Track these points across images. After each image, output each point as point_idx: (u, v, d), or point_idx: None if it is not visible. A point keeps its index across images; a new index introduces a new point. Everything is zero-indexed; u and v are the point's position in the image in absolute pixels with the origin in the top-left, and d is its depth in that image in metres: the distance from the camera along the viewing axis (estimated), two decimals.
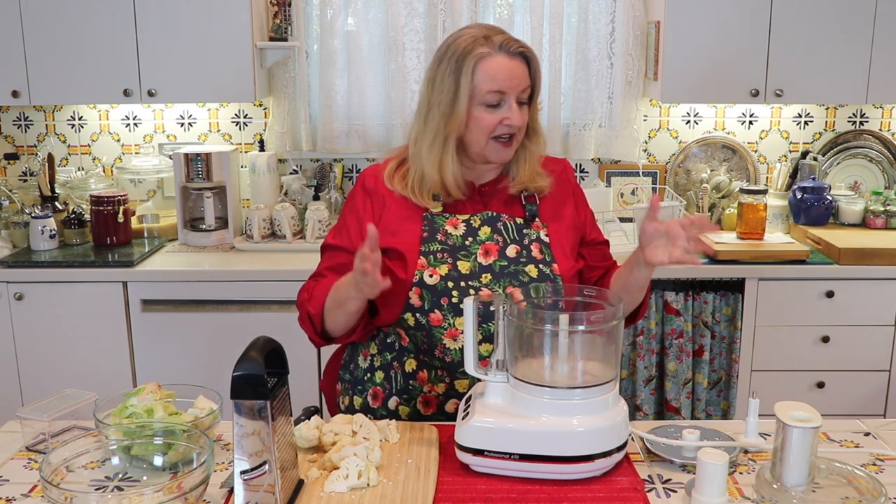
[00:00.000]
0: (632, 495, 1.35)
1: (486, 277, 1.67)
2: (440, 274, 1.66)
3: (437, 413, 1.71)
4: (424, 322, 1.66)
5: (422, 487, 1.35)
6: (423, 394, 1.71)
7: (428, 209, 1.72)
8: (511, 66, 1.63)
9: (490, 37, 1.65)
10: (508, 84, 1.63)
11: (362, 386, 1.78)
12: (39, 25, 3.01)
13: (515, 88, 1.64)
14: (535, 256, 1.71)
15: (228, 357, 1.42)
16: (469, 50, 1.63)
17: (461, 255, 1.69)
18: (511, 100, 1.64)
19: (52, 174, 3.22)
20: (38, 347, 2.94)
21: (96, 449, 1.38)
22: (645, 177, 3.45)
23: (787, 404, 1.35)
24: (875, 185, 3.44)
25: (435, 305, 1.65)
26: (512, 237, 1.72)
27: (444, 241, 1.69)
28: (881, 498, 1.27)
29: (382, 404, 1.75)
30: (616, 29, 3.32)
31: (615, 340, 1.42)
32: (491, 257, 1.69)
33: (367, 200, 1.76)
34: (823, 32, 3.03)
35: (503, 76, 1.63)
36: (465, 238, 1.70)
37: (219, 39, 3.03)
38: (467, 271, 1.67)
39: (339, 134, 3.38)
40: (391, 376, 1.75)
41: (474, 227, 1.72)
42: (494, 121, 1.64)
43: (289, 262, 2.98)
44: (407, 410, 1.73)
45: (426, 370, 1.71)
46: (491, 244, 1.70)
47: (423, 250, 1.68)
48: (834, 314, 2.94)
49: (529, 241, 1.72)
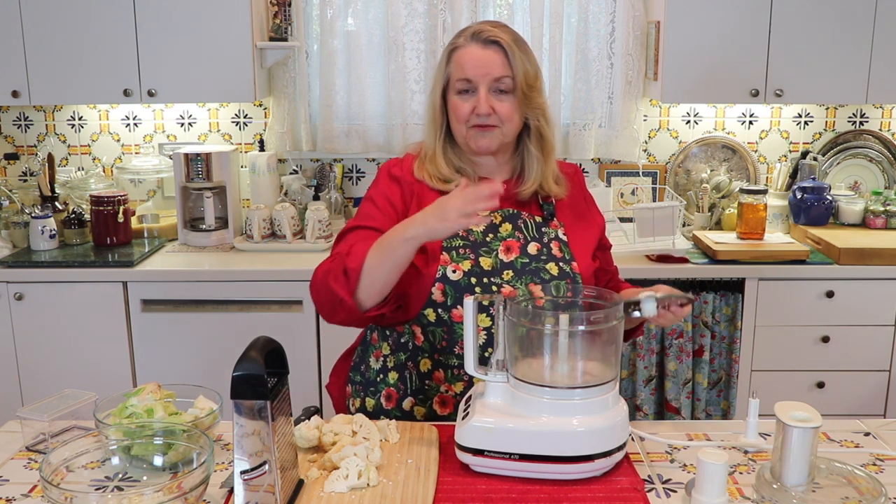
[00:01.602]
0: (632, 495, 1.35)
1: (507, 274, 1.67)
2: (463, 269, 1.66)
3: (454, 413, 1.69)
4: (447, 318, 1.66)
5: (422, 487, 1.35)
6: (440, 394, 1.70)
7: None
8: (482, 54, 1.66)
9: (470, 28, 1.70)
10: (475, 72, 1.65)
11: (375, 387, 1.77)
12: (39, 25, 3.01)
13: (484, 77, 1.65)
14: (556, 254, 1.72)
15: (228, 357, 1.42)
16: (450, 42, 1.71)
17: (483, 252, 1.69)
18: (481, 88, 1.65)
19: (52, 174, 3.22)
20: (38, 347, 2.94)
21: (96, 449, 1.38)
22: (645, 177, 3.45)
23: (787, 404, 1.35)
24: (875, 185, 3.44)
25: (458, 301, 1.65)
26: (532, 235, 1.73)
27: (466, 238, 1.70)
28: (881, 498, 1.27)
29: (397, 405, 1.74)
30: (616, 29, 3.32)
31: (615, 340, 1.42)
32: (513, 254, 1.70)
33: (395, 186, 1.74)
34: (823, 32, 3.03)
35: (471, 65, 1.66)
36: (486, 234, 1.71)
37: (219, 39, 3.03)
38: (489, 267, 1.67)
39: (339, 134, 3.38)
40: (405, 377, 1.73)
41: (495, 223, 1.72)
42: (467, 108, 1.67)
43: (289, 262, 2.98)
44: (423, 411, 1.72)
45: (442, 370, 1.70)
46: (512, 241, 1.71)
47: (445, 246, 1.68)
48: (834, 314, 2.94)
49: (549, 240, 1.73)
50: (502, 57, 1.66)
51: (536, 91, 1.71)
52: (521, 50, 1.68)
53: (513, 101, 1.68)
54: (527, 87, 1.68)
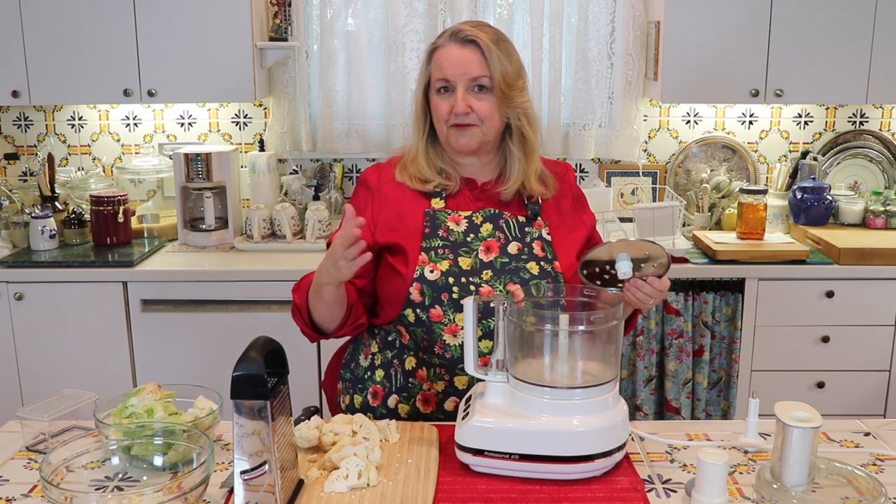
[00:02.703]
0: (632, 495, 1.35)
1: (486, 274, 1.68)
2: (441, 269, 1.66)
3: (436, 411, 1.71)
4: (425, 318, 1.67)
5: (422, 487, 1.35)
6: (423, 392, 1.72)
7: (430, 205, 1.73)
8: (459, 54, 1.67)
9: (450, 28, 1.72)
10: (452, 71, 1.67)
11: (363, 384, 1.79)
12: (39, 25, 3.01)
13: (461, 76, 1.66)
14: (537, 254, 1.71)
15: (228, 357, 1.42)
16: (432, 42, 1.73)
17: (462, 252, 1.69)
18: (459, 87, 1.67)
19: (52, 174, 3.22)
20: (38, 347, 2.94)
21: (96, 449, 1.38)
22: (645, 177, 3.45)
23: (787, 404, 1.35)
24: (875, 185, 3.44)
25: (435, 301, 1.65)
26: (514, 234, 1.73)
27: (446, 238, 1.70)
28: (881, 498, 1.27)
29: (382, 403, 1.75)
30: (616, 29, 3.32)
31: (615, 340, 1.42)
32: (492, 254, 1.70)
33: (368, 196, 1.78)
34: (823, 32, 3.03)
35: (448, 64, 1.68)
36: (466, 234, 1.71)
37: (219, 39, 3.03)
38: (468, 267, 1.68)
39: (339, 134, 3.38)
40: (391, 374, 1.75)
41: (476, 223, 1.73)
42: (446, 108, 1.68)
43: (289, 262, 2.98)
44: (406, 409, 1.73)
45: (425, 368, 1.71)
46: (492, 241, 1.71)
47: (424, 246, 1.69)
48: (834, 314, 2.94)
49: (531, 239, 1.73)
50: (479, 56, 1.67)
51: (517, 90, 1.71)
52: (499, 49, 1.68)
53: (492, 100, 1.68)
54: (505, 87, 1.68)
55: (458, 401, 1.69)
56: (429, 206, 1.74)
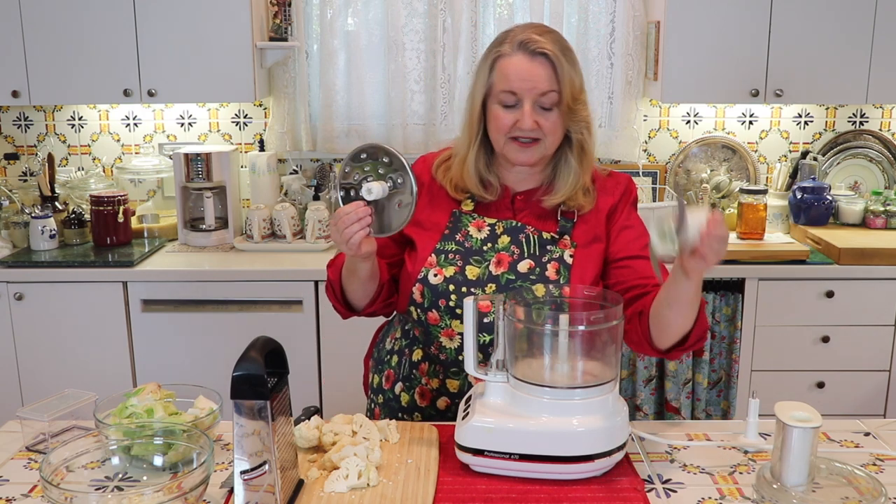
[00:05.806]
0: (632, 495, 1.35)
1: (490, 287, 1.63)
2: (445, 275, 1.65)
3: (429, 406, 1.73)
4: (423, 318, 1.67)
5: (422, 487, 1.35)
6: (421, 385, 1.73)
7: (459, 206, 1.70)
8: (529, 66, 1.56)
9: (517, 34, 1.59)
10: (520, 85, 1.57)
11: (382, 367, 1.82)
12: (39, 25, 3.01)
13: (530, 91, 1.56)
14: (549, 276, 1.63)
15: (228, 357, 1.42)
16: (493, 46, 1.62)
17: (474, 260, 1.65)
18: (526, 102, 1.57)
19: (52, 174, 3.22)
20: (38, 347, 2.94)
21: (96, 449, 1.38)
22: (645, 177, 3.45)
23: (787, 404, 1.35)
24: (875, 185, 3.44)
25: (433, 305, 1.65)
26: (531, 252, 1.65)
27: (462, 243, 1.67)
28: (881, 498, 1.27)
29: (391, 387, 1.78)
30: (616, 29, 3.32)
31: (615, 340, 1.42)
32: (501, 268, 1.65)
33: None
34: (823, 32, 3.03)
35: (515, 76, 1.57)
36: (484, 243, 1.67)
37: (219, 39, 3.03)
38: (474, 277, 1.64)
39: (339, 134, 3.37)
40: (402, 362, 1.77)
41: (497, 233, 1.67)
42: (509, 121, 1.59)
43: (289, 262, 2.98)
44: (407, 398, 1.75)
45: (427, 362, 1.72)
46: (505, 255, 1.65)
47: (437, 248, 1.67)
48: (834, 314, 2.94)
49: (549, 259, 1.65)
50: (549, 70, 1.56)
51: (581, 104, 1.62)
52: (568, 61, 1.58)
53: (557, 115, 1.59)
54: (572, 101, 1.59)
55: (449, 402, 1.70)
56: (457, 207, 1.70)
